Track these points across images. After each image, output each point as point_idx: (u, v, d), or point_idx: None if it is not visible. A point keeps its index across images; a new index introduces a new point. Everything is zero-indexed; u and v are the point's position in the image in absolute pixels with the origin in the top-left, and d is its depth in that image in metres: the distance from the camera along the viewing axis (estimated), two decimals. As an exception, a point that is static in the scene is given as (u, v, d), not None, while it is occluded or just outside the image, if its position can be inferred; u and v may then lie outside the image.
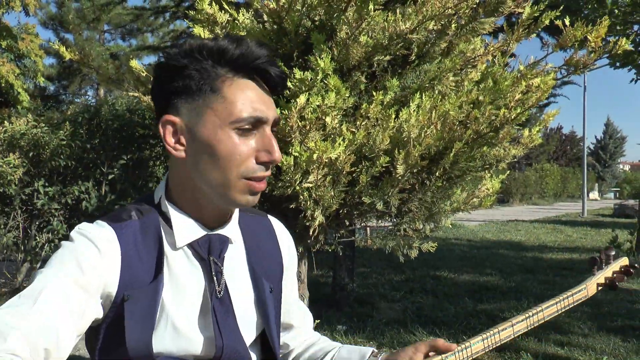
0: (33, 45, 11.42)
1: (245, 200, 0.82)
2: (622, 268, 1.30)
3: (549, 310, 1.09)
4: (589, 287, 1.20)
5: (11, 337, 0.64)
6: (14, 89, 10.55)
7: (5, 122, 4.35)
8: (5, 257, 4.23)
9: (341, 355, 0.98)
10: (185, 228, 0.84)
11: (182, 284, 0.83)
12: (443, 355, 0.89)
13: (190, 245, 0.84)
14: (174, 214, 0.84)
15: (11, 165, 3.82)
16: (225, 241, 0.87)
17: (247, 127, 0.79)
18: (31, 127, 4.28)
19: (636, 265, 1.30)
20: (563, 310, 1.12)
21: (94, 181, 4.49)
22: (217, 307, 0.83)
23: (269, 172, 0.82)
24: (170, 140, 0.82)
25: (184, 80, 0.80)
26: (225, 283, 0.85)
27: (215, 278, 0.84)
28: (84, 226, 0.83)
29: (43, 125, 4.41)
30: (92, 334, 0.83)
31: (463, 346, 0.91)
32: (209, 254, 0.85)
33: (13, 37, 10.88)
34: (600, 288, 1.25)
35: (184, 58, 0.81)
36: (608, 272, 1.27)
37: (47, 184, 4.31)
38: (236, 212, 0.92)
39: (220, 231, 0.87)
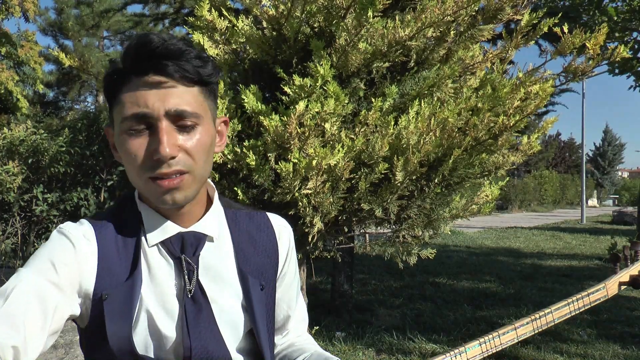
0: (32, 52, 11.44)
1: (162, 200, 0.79)
2: None
3: (559, 312, 1.01)
4: (610, 287, 1.10)
5: None
6: (13, 96, 10.57)
7: (5, 128, 4.34)
8: (3, 264, 4.21)
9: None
10: (156, 226, 0.84)
11: (159, 282, 0.83)
12: None
13: (163, 244, 0.84)
14: (145, 213, 0.85)
15: (10, 174, 3.82)
16: (200, 238, 0.86)
17: (139, 127, 0.77)
18: (30, 134, 4.27)
19: None
20: (578, 311, 1.04)
21: (92, 188, 4.48)
22: (187, 306, 0.82)
23: (171, 169, 0.77)
24: (112, 148, 0.86)
25: (106, 92, 0.82)
26: (199, 281, 0.83)
27: (187, 277, 0.83)
28: (64, 225, 0.84)
29: (42, 131, 4.40)
30: (81, 333, 0.84)
31: (457, 351, 0.88)
32: (181, 251, 0.84)
33: (12, 44, 10.89)
34: (623, 287, 1.13)
35: (111, 70, 0.82)
36: (634, 269, 1.15)
37: (46, 191, 4.30)
38: (215, 207, 0.90)
39: (195, 228, 0.86)
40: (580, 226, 17.38)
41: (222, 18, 2.48)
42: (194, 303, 0.82)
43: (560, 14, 2.65)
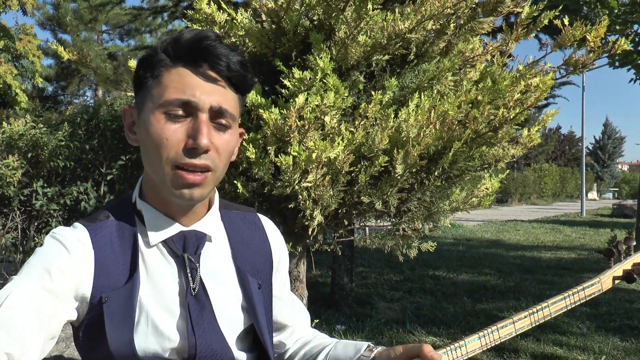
0: (31, 46, 11.41)
1: (179, 193, 0.79)
2: None
3: (555, 306, 1.02)
4: (604, 281, 1.12)
5: None
6: (11, 90, 10.56)
7: (4, 123, 4.35)
8: (3, 258, 4.23)
9: (337, 351, 0.97)
10: (159, 225, 0.84)
11: (159, 282, 0.82)
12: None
13: (165, 243, 0.84)
14: (147, 212, 0.85)
15: (10, 168, 3.84)
16: (201, 237, 0.86)
17: (178, 112, 0.77)
18: (29, 128, 4.29)
19: None
20: (573, 305, 1.06)
21: (92, 182, 4.50)
22: (191, 304, 0.82)
23: (201, 162, 0.78)
24: (126, 129, 0.86)
25: (137, 72, 0.82)
26: (201, 280, 0.84)
27: (190, 275, 0.83)
28: (57, 230, 0.83)
29: (41, 126, 4.41)
30: (76, 333, 0.83)
31: (457, 344, 0.89)
32: (183, 250, 0.84)
33: (11, 38, 10.86)
34: (617, 282, 1.15)
35: (152, 54, 0.83)
36: (627, 264, 1.17)
37: (45, 185, 4.32)
38: (215, 208, 0.91)
39: (196, 227, 0.86)
40: (580, 219, 17.41)
41: (221, 11, 2.47)
42: (197, 301, 0.83)
43: (560, 7, 2.64)
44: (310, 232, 2.49)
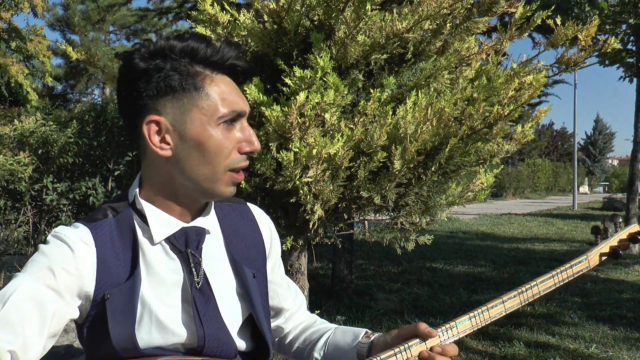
0: (41, 46, 11.61)
1: (229, 192, 0.86)
2: (629, 235, 1.18)
3: (544, 284, 1.03)
4: (591, 258, 1.12)
5: None
6: (23, 89, 10.76)
7: (15, 120, 4.42)
8: (16, 251, 4.30)
9: (336, 337, 1.00)
10: (161, 223, 0.85)
11: (161, 278, 0.84)
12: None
13: (167, 239, 0.86)
14: (149, 210, 0.86)
15: (21, 164, 3.91)
16: (202, 232, 0.89)
17: (231, 121, 0.83)
18: (40, 126, 4.36)
19: None
20: (562, 283, 1.05)
21: (100, 177, 4.57)
22: (197, 297, 0.84)
23: (247, 162, 0.86)
24: (155, 139, 0.82)
25: (165, 81, 0.81)
26: (205, 273, 0.87)
27: (193, 269, 0.85)
28: (59, 229, 0.84)
29: (51, 123, 4.48)
30: (79, 330, 0.85)
31: (449, 325, 0.92)
32: (186, 246, 0.86)
33: (22, 39, 11.06)
34: (604, 258, 1.14)
35: (155, 58, 0.82)
36: (613, 240, 1.16)
37: (55, 181, 4.40)
38: (211, 203, 0.94)
39: (196, 223, 0.89)
40: (572, 212, 17.59)
41: (224, 12, 2.53)
42: (202, 294, 0.85)
43: (553, 7, 2.72)
44: (311, 226, 2.57)
